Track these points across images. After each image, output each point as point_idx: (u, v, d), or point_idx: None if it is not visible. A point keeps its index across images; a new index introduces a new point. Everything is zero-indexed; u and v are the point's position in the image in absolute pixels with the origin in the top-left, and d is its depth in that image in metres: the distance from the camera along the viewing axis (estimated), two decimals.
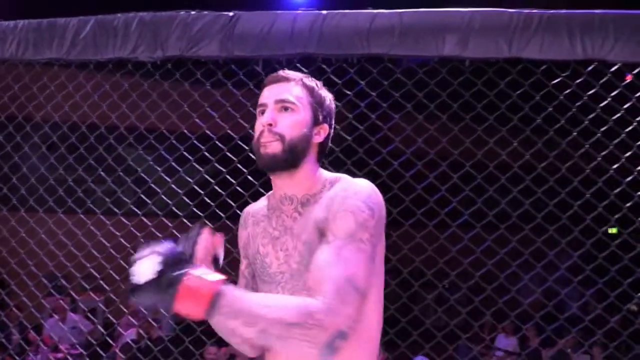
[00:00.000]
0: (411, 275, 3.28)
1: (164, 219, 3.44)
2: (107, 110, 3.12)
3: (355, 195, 1.42)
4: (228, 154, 2.99)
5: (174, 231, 3.34)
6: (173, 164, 3.12)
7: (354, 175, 1.56)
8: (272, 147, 1.45)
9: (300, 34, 2.56)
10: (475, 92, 2.70)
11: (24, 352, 6.00)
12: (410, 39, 2.47)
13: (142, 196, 3.26)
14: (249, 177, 2.89)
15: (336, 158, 3.04)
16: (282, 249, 1.50)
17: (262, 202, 1.64)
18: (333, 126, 1.57)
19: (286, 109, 1.48)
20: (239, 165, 2.92)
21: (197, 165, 3.16)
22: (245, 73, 2.82)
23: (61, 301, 7.63)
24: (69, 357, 6.58)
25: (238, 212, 3.14)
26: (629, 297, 2.95)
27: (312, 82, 1.55)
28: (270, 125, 1.45)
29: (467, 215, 3.14)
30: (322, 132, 1.53)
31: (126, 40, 2.72)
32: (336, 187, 1.47)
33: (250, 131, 3.10)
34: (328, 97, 1.58)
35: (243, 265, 1.66)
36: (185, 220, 3.34)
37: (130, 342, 6.06)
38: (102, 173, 3.17)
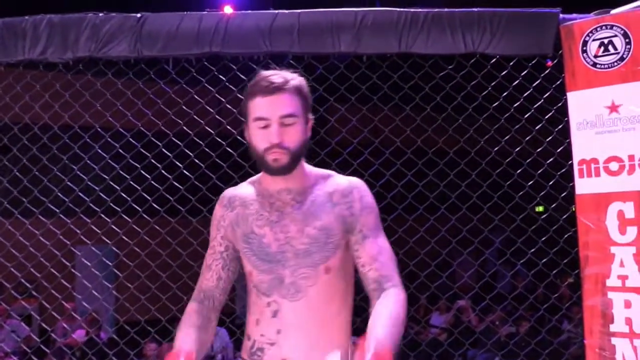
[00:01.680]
0: None
1: (86, 218, 3.50)
2: (19, 110, 3.15)
3: (366, 192, 1.75)
4: (142, 150, 3.10)
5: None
6: (89, 161, 3.20)
7: None
8: (281, 159, 1.64)
9: (206, 33, 2.68)
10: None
11: None
12: (308, 37, 2.65)
13: (63, 197, 3.31)
14: (163, 172, 3.03)
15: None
16: (282, 232, 1.70)
17: (246, 188, 1.80)
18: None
19: (289, 124, 1.65)
20: (153, 161, 3.04)
21: (111, 162, 3.25)
22: (155, 71, 2.93)
23: None
24: None
25: (155, 205, 3.27)
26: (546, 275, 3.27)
27: (298, 82, 1.70)
28: (281, 142, 1.63)
29: (399, 208, 3.36)
30: (310, 127, 1.74)
31: (35, 42, 2.76)
32: (334, 183, 1.74)
33: (163, 127, 3.22)
34: (308, 89, 1.73)
35: (222, 247, 1.80)
36: (104, 217, 3.41)
37: (63, 347, 6.01)
38: (17, 174, 3.19)
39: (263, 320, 1.73)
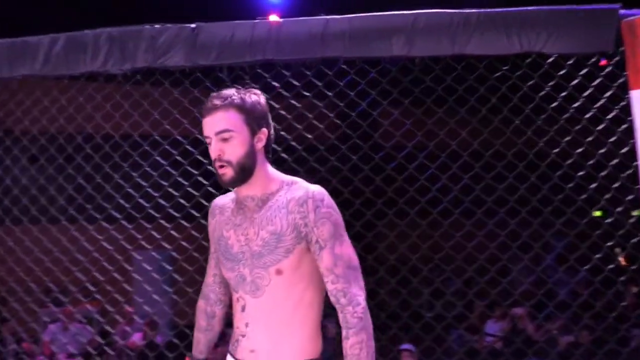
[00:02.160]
0: (408, 271, 3.44)
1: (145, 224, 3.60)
2: (82, 121, 3.28)
3: (322, 203, 1.78)
4: (199, 157, 3.17)
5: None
6: (148, 169, 3.29)
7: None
8: (226, 174, 1.77)
9: (259, 41, 2.72)
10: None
11: None
12: (360, 41, 2.64)
13: (124, 203, 3.42)
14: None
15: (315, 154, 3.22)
16: (243, 234, 1.85)
17: (229, 196, 1.96)
18: (270, 123, 1.86)
19: (225, 139, 1.76)
20: (209, 167, 3.09)
21: (170, 169, 3.33)
22: (210, 80, 2.99)
23: (63, 312, 7.74)
24: None
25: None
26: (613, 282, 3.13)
27: (239, 98, 1.79)
28: (220, 156, 1.76)
29: (457, 213, 3.30)
30: (262, 137, 1.83)
31: (96, 55, 2.86)
32: (294, 191, 1.81)
33: None
34: (258, 101, 1.83)
35: (212, 249, 2.02)
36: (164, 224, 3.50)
37: (123, 348, 6.19)
38: (81, 182, 3.32)
39: (236, 314, 1.88)
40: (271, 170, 1.87)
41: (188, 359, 2.11)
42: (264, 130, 1.82)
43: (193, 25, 2.78)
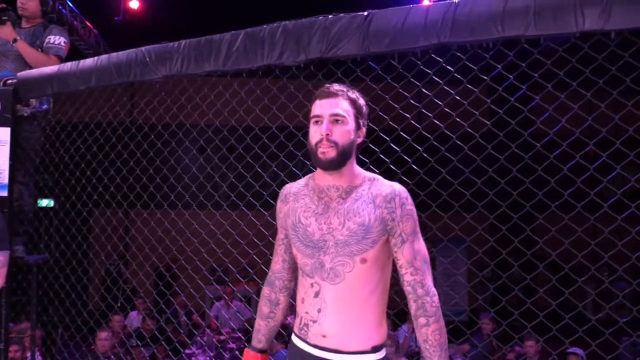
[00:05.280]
0: (571, 269, 3.18)
1: None
2: (260, 112, 3.42)
3: (407, 201, 1.94)
4: (371, 145, 3.14)
5: None
6: (301, 158, 3.35)
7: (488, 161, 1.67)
8: (329, 153, 1.88)
9: (433, 24, 2.61)
10: (622, 66, 2.55)
11: (193, 334, 6.72)
12: (546, 17, 2.41)
13: (277, 190, 3.55)
14: (414, 166, 3.04)
15: (476, 143, 3.06)
16: (325, 223, 1.95)
17: (300, 183, 2.09)
18: (366, 125, 2.01)
19: (338, 121, 1.90)
20: (381, 156, 3.06)
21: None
22: (382, 68, 2.94)
23: (225, 290, 8.41)
24: (229, 340, 7.22)
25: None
26: None
27: (353, 94, 1.97)
28: (328, 135, 1.87)
29: (633, 207, 2.94)
30: (361, 135, 1.98)
31: (273, 49, 2.95)
32: (379, 187, 1.95)
33: (415, 122, 3.19)
34: (364, 104, 2.01)
35: (282, 235, 2.14)
36: None
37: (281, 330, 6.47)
38: (259, 170, 3.47)
39: (307, 299, 1.97)
40: (356, 165, 1.99)
41: (247, 350, 2.16)
42: (364, 129, 1.99)
43: (365, 13, 2.75)
